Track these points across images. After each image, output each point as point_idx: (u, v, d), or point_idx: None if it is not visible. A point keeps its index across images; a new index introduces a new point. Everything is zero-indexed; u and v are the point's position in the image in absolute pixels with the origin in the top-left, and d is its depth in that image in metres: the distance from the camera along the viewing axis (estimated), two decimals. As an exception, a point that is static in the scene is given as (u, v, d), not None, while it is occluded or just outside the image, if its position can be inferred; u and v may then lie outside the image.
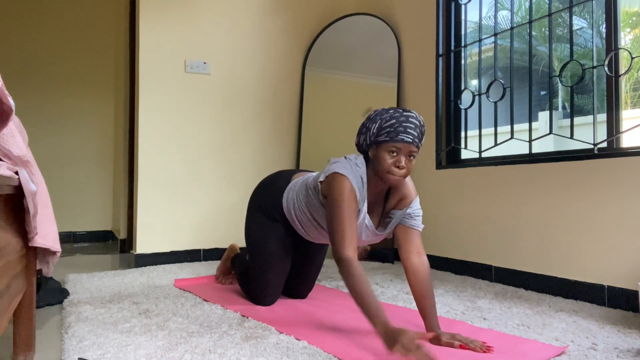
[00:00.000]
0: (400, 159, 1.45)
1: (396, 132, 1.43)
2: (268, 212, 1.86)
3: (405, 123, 1.43)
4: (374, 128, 1.47)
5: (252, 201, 1.95)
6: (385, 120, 1.45)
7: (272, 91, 3.26)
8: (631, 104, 4.82)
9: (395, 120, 1.44)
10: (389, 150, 1.45)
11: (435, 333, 1.38)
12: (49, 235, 1.30)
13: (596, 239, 1.94)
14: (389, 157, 1.45)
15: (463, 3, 2.73)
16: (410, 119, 1.44)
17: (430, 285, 1.49)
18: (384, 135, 1.45)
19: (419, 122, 1.46)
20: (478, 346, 1.33)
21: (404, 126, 1.43)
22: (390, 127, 1.44)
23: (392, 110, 1.47)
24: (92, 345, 1.37)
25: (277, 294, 1.88)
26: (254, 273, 1.87)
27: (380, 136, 1.46)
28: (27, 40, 4.00)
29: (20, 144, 1.11)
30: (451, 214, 2.64)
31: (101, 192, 4.27)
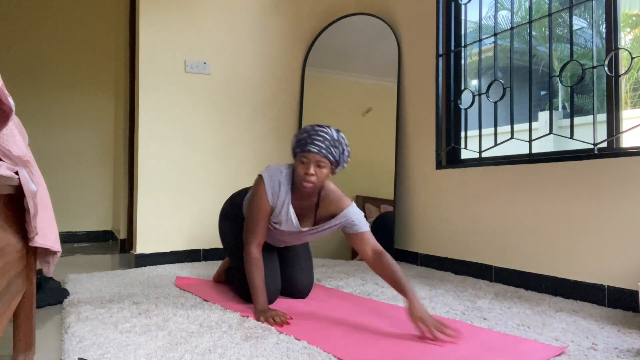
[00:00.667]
0: (309, 167, 1.66)
1: (305, 143, 1.67)
2: (232, 215, 2.03)
3: (314, 136, 1.66)
4: (293, 143, 1.74)
5: (220, 215, 2.13)
6: (300, 134, 1.71)
7: (272, 91, 3.26)
8: (631, 104, 4.82)
9: (306, 134, 1.68)
10: (301, 160, 1.69)
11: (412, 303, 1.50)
12: (49, 235, 1.30)
13: (596, 239, 1.94)
14: (300, 166, 1.69)
15: (463, 3, 2.73)
16: (320, 132, 1.67)
17: (394, 268, 1.63)
18: (297, 148, 1.71)
19: (329, 136, 1.67)
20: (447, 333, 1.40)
21: (312, 138, 1.66)
22: (302, 140, 1.69)
23: (309, 127, 1.71)
24: (92, 345, 1.37)
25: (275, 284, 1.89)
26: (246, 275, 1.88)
27: (296, 149, 1.72)
28: (27, 40, 4.00)
29: (20, 144, 1.11)
30: (451, 213, 2.64)
31: (101, 192, 4.27)
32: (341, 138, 1.69)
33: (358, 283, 2.29)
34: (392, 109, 3.04)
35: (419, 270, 2.64)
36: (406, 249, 2.95)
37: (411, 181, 2.95)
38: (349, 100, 3.23)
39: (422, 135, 2.88)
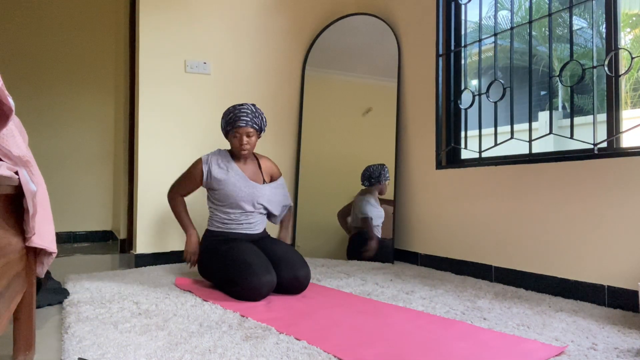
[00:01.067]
0: (242, 139, 2.16)
1: (234, 121, 2.14)
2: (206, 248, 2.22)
3: (238, 114, 2.13)
4: (222, 124, 2.21)
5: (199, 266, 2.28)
6: (226, 115, 2.17)
7: (272, 91, 3.26)
8: (631, 104, 4.83)
9: (232, 114, 2.14)
10: (234, 135, 2.17)
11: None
12: (46, 235, 1.30)
13: (596, 239, 1.94)
14: (234, 140, 2.18)
15: (463, 3, 2.73)
16: (242, 110, 2.14)
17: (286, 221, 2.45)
18: (228, 126, 2.17)
19: (250, 110, 2.15)
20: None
21: (237, 116, 2.13)
22: (230, 119, 2.15)
23: (231, 107, 2.16)
24: (92, 345, 1.37)
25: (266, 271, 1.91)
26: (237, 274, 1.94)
27: (227, 127, 2.17)
28: (27, 40, 4.00)
29: (20, 144, 1.11)
30: (451, 214, 2.64)
31: (101, 192, 4.27)
32: (258, 110, 2.19)
33: (358, 283, 2.29)
34: (392, 109, 3.05)
35: (419, 270, 2.64)
36: (406, 249, 2.95)
37: (411, 181, 2.95)
38: (349, 100, 3.23)
39: (422, 135, 2.88)
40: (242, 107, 2.14)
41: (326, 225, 3.14)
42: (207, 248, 2.21)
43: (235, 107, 2.15)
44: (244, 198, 2.20)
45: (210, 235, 2.25)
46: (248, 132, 2.14)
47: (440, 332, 1.51)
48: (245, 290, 1.90)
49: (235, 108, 2.14)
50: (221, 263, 2.05)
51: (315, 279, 2.39)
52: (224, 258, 2.05)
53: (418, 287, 2.21)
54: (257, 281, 1.88)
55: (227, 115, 2.16)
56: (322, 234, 3.12)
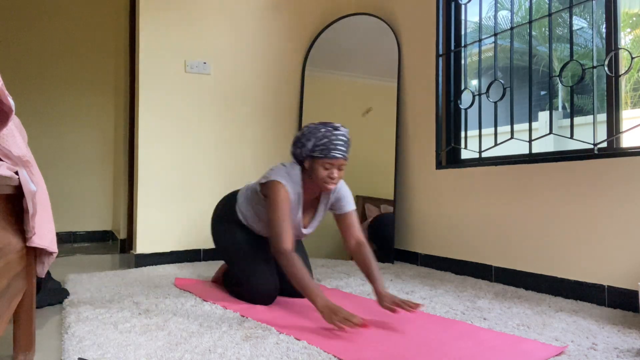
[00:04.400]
0: (332, 172, 1.76)
1: (328, 150, 1.72)
2: (225, 217, 2.04)
3: (335, 141, 1.72)
4: (309, 145, 1.76)
5: (213, 219, 2.12)
6: (319, 139, 1.73)
7: (272, 91, 3.26)
8: (631, 104, 4.82)
9: (327, 140, 1.72)
10: (324, 165, 1.75)
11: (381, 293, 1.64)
12: (46, 235, 1.30)
13: (596, 239, 1.94)
14: (323, 170, 1.75)
15: (463, 3, 2.73)
16: (340, 137, 1.73)
17: (370, 258, 1.77)
18: (317, 152, 1.74)
19: (346, 137, 1.76)
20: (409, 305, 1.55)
21: (334, 144, 1.72)
22: (323, 146, 1.72)
23: (323, 129, 1.74)
24: (92, 345, 1.37)
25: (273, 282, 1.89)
26: (240, 271, 1.93)
27: (314, 152, 1.75)
28: (27, 40, 4.00)
29: (20, 144, 1.11)
30: (451, 214, 2.64)
31: (101, 192, 4.27)
32: (348, 135, 1.79)
33: (358, 283, 2.29)
34: (392, 109, 3.04)
35: (419, 270, 2.64)
36: (406, 249, 2.95)
37: (411, 181, 2.95)
38: (349, 100, 3.23)
39: (422, 135, 2.88)
40: (338, 131, 1.73)
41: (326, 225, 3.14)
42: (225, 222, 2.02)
43: (330, 131, 1.73)
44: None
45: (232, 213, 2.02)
46: (341, 165, 1.76)
47: (440, 332, 1.51)
48: (246, 294, 1.89)
49: (330, 132, 1.73)
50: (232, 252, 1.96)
51: (316, 279, 2.39)
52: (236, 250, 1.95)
53: (418, 287, 2.21)
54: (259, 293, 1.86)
55: (318, 138, 1.73)
56: (322, 234, 3.12)
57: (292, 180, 1.81)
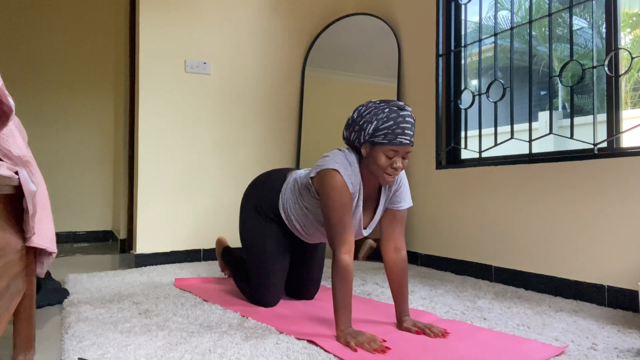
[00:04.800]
0: (397, 160, 1.45)
1: (394, 134, 1.41)
2: (263, 212, 1.84)
3: (402, 124, 1.41)
4: (369, 128, 1.44)
5: (246, 201, 1.92)
6: (382, 122, 1.42)
7: (272, 91, 3.26)
8: (631, 104, 4.82)
9: (392, 122, 1.41)
10: (387, 153, 1.44)
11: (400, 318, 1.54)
12: (46, 235, 1.30)
13: (596, 239, 1.94)
14: (385, 159, 1.45)
15: (463, 3, 2.73)
16: (406, 118, 1.42)
17: (405, 277, 1.57)
18: (381, 137, 1.43)
19: (413, 119, 1.46)
20: (435, 332, 1.44)
21: (401, 127, 1.41)
22: (388, 129, 1.41)
23: (387, 108, 1.43)
24: (92, 345, 1.37)
25: (280, 294, 1.87)
26: (254, 277, 1.85)
27: (376, 137, 1.43)
28: (27, 40, 4.00)
29: (20, 144, 1.11)
30: (451, 214, 2.64)
31: (101, 192, 4.27)
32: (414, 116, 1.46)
33: (358, 283, 2.29)
34: (392, 109, 3.04)
35: (419, 270, 2.64)
36: (406, 249, 2.95)
37: (411, 181, 2.95)
38: (349, 100, 3.23)
39: (422, 135, 2.88)
40: (404, 112, 1.43)
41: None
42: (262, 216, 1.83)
43: (396, 111, 1.42)
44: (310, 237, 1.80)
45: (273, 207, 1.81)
46: (407, 152, 1.46)
47: (440, 332, 1.51)
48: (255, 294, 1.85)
49: (396, 112, 1.42)
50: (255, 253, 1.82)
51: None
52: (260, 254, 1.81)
53: (418, 287, 2.21)
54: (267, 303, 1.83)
55: (381, 120, 1.42)
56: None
57: (352, 170, 1.50)
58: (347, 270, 1.41)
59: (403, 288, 1.56)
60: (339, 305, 1.41)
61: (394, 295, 1.57)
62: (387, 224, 1.61)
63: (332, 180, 1.46)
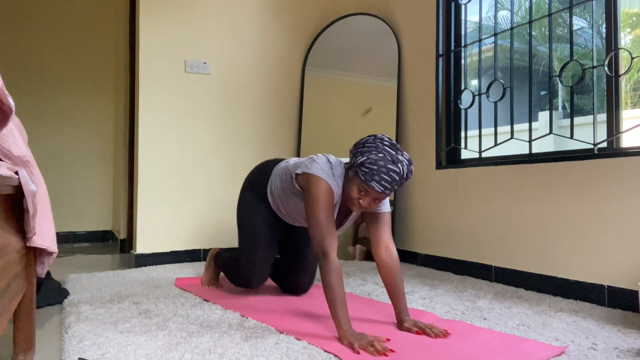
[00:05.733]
0: (365, 199, 1.53)
1: (372, 178, 1.46)
2: (256, 190, 1.95)
3: (385, 174, 1.45)
4: (360, 159, 1.50)
5: (245, 181, 2.05)
6: (371, 161, 1.47)
7: (272, 91, 3.26)
8: (631, 104, 4.82)
9: (377, 167, 1.46)
10: (360, 187, 1.51)
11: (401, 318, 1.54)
12: (46, 235, 1.30)
13: (596, 239, 1.94)
14: (357, 192, 1.53)
15: (463, 3, 2.73)
16: (391, 172, 1.46)
17: (399, 276, 1.60)
18: (362, 172, 1.49)
19: (400, 175, 1.47)
20: (435, 332, 1.44)
21: (382, 176, 1.45)
22: (370, 170, 1.47)
23: (382, 153, 1.47)
24: (92, 345, 1.37)
25: (266, 274, 1.92)
26: (243, 251, 1.92)
27: (359, 169, 1.50)
28: (27, 40, 4.00)
29: (20, 144, 1.11)
30: (451, 214, 2.64)
31: (101, 192, 4.27)
32: (406, 170, 1.49)
33: (358, 283, 2.29)
34: (392, 109, 3.04)
35: (419, 270, 2.64)
36: (406, 249, 2.95)
37: (411, 181, 2.95)
38: (349, 100, 3.23)
39: (422, 135, 2.88)
40: (394, 166, 1.45)
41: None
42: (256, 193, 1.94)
43: (387, 160, 1.46)
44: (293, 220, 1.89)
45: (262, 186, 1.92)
46: (380, 198, 1.52)
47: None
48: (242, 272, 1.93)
49: (386, 161, 1.46)
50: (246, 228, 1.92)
51: (316, 279, 2.39)
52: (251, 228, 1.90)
53: (418, 287, 2.21)
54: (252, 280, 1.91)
55: (370, 160, 1.47)
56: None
57: (336, 181, 1.60)
58: (339, 268, 1.47)
59: (398, 288, 1.58)
60: (337, 305, 1.41)
61: (391, 296, 1.59)
62: (373, 228, 1.65)
63: (321, 187, 1.55)
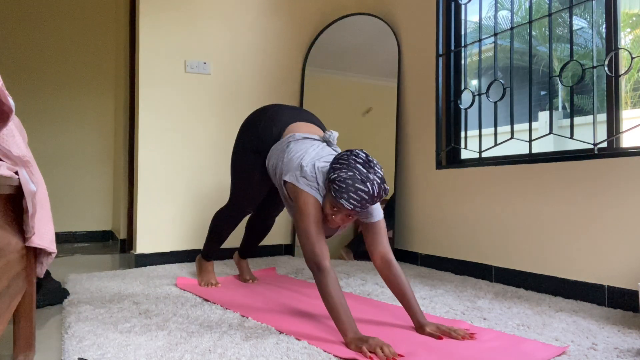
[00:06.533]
0: (337, 214, 1.52)
1: (341, 195, 1.44)
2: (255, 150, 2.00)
3: (353, 193, 1.43)
4: (332, 175, 1.48)
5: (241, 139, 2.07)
6: (341, 179, 1.45)
7: (272, 91, 3.26)
8: (631, 104, 4.82)
9: (345, 185, 1.44)
10: (332, 203, 1.51)
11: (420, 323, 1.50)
12: (46, 235, 1.30)
13: (596, 239, 1.94)
14: (329, 207, 1.53)
15: (463, 3, 2.73)
16: (359, 191, 1.43)
17: (404, 281, 1.56)
18: (333, 189, 1.47)
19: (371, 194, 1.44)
20: (460, 334, 1.42)
21: (349, 195, 1.43)
22: (338, 187, 1.45)
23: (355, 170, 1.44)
24: (92, 345, 1.37)
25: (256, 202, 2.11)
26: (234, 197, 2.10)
27: (332, 186, 1.47)
28: (27, 40, 4.00)
29: (20, 144, 1.10)
30: (451, 214, 2.64)
31: (101, 192, 4.27)
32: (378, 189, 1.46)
33: (358, 283, 2.29)
34: (392, 109, 3.04)
35: (419, 270, 2.64)
36: (406, 249, 2.95)
37: (411, 181, 2.95)
38: (349, 100, 3.23)
39: (422, 135, 2.88)
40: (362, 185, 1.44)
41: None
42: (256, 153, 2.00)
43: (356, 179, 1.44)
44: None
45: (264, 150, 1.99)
46: (352, 214, 1.54)
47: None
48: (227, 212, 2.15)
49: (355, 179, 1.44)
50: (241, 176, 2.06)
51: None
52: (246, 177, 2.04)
53: (418, 287, 2.21)
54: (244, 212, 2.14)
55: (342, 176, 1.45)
56: (322, 234, 3.12)
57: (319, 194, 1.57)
58: (336, 277, 1.46)
59: (406, 294, 1.54)
60: (341, 312, 1.39)
61: (402, 303, 1.55)
62: (368, 238, 1.63)
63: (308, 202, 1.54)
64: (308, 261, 1.48)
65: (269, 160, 1.91)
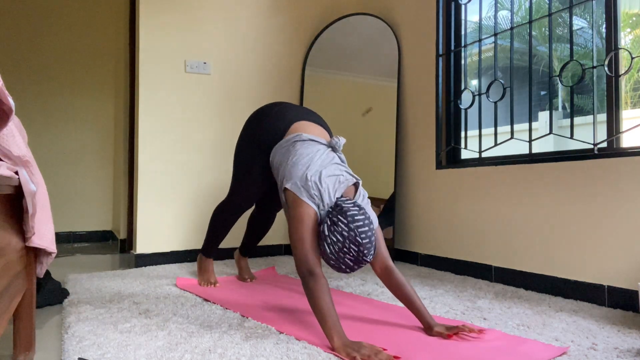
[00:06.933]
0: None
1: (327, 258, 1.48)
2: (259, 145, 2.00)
3: (344, 265, 1.46)
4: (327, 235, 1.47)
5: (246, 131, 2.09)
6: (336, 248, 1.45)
7: (273, 91, 3.26)
8: (631, 104, 4.82)
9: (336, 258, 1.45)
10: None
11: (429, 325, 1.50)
12: (46, 235, 1.30)
13: (596, 239, 1.94)
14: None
15: (463, 3, 2.73)
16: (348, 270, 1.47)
17: (407, 287, 1.56)
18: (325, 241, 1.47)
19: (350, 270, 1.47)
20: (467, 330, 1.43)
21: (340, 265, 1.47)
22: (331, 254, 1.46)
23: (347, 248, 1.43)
24: (92, 345, 1.37)
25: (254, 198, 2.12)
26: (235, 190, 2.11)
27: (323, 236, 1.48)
28: (27, 40, 4.00)
29: (20, 144, 1.10)
30: (451, 214, 2.64)
31: (101, 192, 4.27)
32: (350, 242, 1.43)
33: (358, 283, 2.29)
34: (392, 109, 3.04)
35: (419, 270, 2.64)
36: (406, 249, 2.95)
37: (411, 181, 2.95)
38: (349, 100, 3.23)
39: (422, 135, 2.88)
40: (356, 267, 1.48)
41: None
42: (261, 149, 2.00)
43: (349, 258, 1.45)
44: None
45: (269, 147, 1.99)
46: None
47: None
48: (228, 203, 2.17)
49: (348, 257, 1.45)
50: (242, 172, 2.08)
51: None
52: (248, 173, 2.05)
53: (418, 287, 2.21)
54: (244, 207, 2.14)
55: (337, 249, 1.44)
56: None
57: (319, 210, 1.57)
58: (321, 282, 1.44)
59: (410, 298, 1.54)
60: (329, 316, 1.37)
61: (409, 308, 1.55)
62: None
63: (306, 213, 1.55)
64: (300, 266, 1.48)
65: (273, 157, 1.90)
